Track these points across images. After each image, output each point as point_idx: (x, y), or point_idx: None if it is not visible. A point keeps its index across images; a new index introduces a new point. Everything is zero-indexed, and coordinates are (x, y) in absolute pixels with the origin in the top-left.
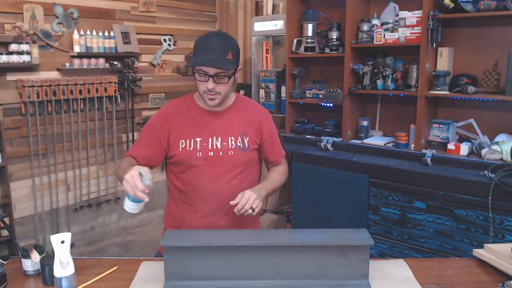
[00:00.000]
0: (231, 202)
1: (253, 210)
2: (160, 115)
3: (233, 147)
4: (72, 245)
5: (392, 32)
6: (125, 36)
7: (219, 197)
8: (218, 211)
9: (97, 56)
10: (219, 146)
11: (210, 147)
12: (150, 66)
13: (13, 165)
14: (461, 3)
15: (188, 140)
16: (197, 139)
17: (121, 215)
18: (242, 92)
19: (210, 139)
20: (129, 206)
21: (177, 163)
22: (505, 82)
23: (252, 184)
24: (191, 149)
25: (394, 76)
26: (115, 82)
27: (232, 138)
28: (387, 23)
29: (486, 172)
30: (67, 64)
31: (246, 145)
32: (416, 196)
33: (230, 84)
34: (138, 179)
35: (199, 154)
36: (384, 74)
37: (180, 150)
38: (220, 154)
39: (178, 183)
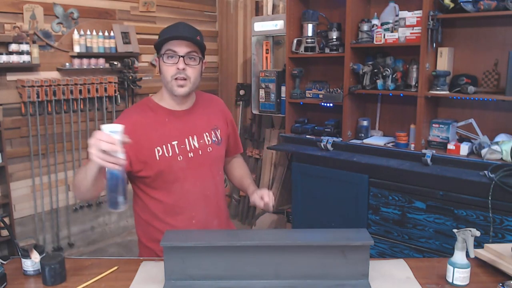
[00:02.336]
0: (261, 205)
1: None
2: (125, 124)
3: (209, 143)
4: (72, 245)
5: (392, 32)
6: (125, 36)
7: (209, 197)
8: (211, 212)
9: (97, 56)
10: (196, 145)
11: (188, 148)
12: (150, 66)
13: (13, 165)
14: (461, 3)
15: (164, 146)
16: (173, 142)
17: (121, 215)
18: (242, 92)
19: (186, 140)
20: (120, 202)
21: (157, 175)
22: (505, 82)
23: (223, 180)
24: (169, 154)
25: (394, 76)
26: (115, 82)
27: (207, 134)
28: (387, 23)
29: (486, 172)
30: (67, 64)
31: (219, 138)
32: (416, 196)
33: (199, 71)
34: (106, 135)
35: (180, 157)
36: (384, 74)
37: (158, 158)
38: (200, 153)
39: (161, 196)
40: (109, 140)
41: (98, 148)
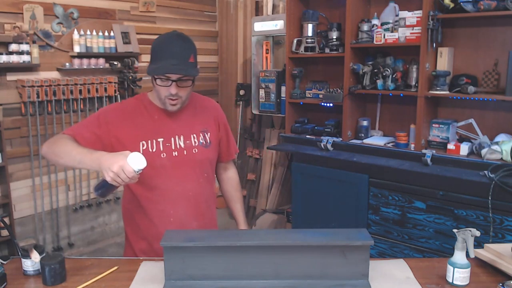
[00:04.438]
0: None
1: None
2: (116, 110)
3: (196, 144)
4: (72, 245)
5: (392, 32)
6: (125, 36)
7: (190, 198)
8: (190, 213)
9: (97, 56)
10: (182, 145)
11: (173, 147)
12: None
13: (13, 165)
14: (461, 3)
15: (149, 141)
16: (159, 139)
17: (121, 215)
18: (242, 92)
19: (172, 139)
20: (105, 196)
21: None
22: (505, 82)
23: (214, 184)
24: (153, 150)
25: (394, 76)
26: (115, 82)
27: (194, 135)
28: (387, 23)
29: (486, 172)
30: (67, 64)
31: (208, 141)
32: (416, 196)
33: (191, 88)
34: (132, 172)
35: (163, 155)
36: (384, 74)
37: (141, 152)
38: (185, 153)
39: (143, 189)
40: (130, 176)
41: (117, 176)
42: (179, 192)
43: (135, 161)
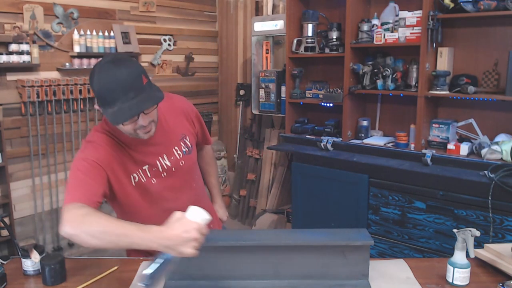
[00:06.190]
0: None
1: None
2: (98, 151)
3: (181, 156)
4: (72, 245)
5: (392, 32)
6: (125, 36)
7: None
8: None
9: (97, 56)
10: (169, 164)
11: (161, 169)
12: (150, 66)
13: (13, 165)
14: (461, 3)
15: (138, 172)
16: (144, 167)
17: None
18: (242, 92)
19: (157, 162)
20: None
21: (134, 201)
22: (505, 82)
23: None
24: (144, 180)
25: (394, 76)
26: None
27: (176, 148)
28: (387, 23)
29: (486, 172)
30: (67, 64)
31: (189, 145)
32: (416, 196)
33: (157, 106)
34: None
35: (153, 180)
36: (384, 74)
37: (134, 184)
38: (174, 170)
39: (142, 217)
40: (205, 233)
41: (199, 242)
42: (178, 208)
43: (197, 215)
